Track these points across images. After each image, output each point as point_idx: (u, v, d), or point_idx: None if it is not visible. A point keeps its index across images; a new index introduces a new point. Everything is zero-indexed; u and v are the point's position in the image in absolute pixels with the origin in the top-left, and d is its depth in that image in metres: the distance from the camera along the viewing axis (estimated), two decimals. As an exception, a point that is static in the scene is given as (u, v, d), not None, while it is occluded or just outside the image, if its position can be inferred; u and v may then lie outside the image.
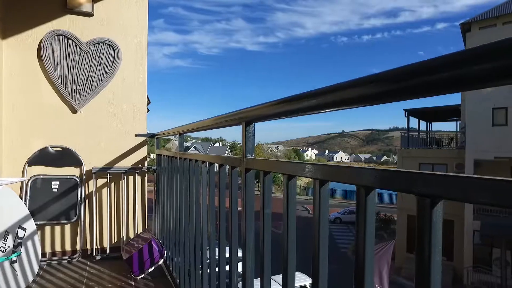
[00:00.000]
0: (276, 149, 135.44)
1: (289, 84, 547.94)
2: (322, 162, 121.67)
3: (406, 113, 21.27)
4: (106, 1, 3.49)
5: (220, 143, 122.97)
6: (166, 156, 2.99)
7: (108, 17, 3.49)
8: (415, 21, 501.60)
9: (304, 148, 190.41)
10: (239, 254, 1.34)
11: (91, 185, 3.41)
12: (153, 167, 3.58)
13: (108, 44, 3.46)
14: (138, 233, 3.40)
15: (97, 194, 3.45)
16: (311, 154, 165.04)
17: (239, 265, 1.33)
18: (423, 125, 26.59)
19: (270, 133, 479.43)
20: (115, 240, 3.52)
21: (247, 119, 1.25)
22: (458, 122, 22.25)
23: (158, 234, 3.44)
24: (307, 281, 14.80)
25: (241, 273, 1.28)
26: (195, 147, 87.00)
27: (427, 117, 24.74)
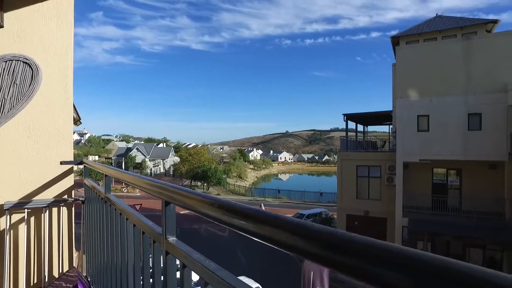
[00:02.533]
0: (221, 150, 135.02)
1: (235, 85, 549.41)
2: (267, 162, 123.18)
3: (345, 117, 22.44)
4: (20, 12, 3.09)
5: (164, 144, 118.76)
6: (93, 190, 2.74)
7: (23, 30, 3.10)
8: (353, 29, 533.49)
9: (250, 148, 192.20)
10: None
11: (3, 223, 3.00)
12: (80, 198, 3.27)
13: (24, 62, 3.07)
14: (64, 272, 3.07)
15: (11, 232, 3.04)
16: (256, 154, 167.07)
17: None
18: (360, 127, 28.65)
19: (215, 133, 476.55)
20: (35, 281, 3.14)
21: (165, 198, 1.12)
22: (390, 126, 24.09)
23: (88, 272, 3.14)
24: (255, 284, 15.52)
25: None
26: (137, 149, 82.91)
27: (363, 121, 26.56)
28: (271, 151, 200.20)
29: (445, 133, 16.74)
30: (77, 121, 6.58)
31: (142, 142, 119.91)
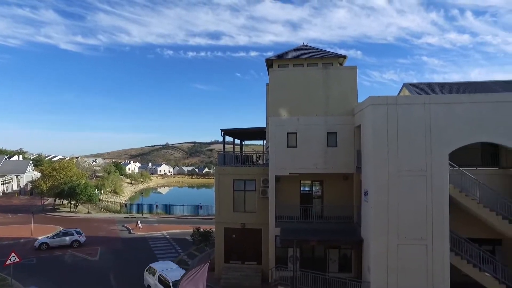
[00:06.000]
0: (94, 163, 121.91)
1: (112, 92, 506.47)
2: (146, 175, 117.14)
3: (223, 132, 23.06)
4: None
5: (20, 156, 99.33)
6: None
7: None
8: (233, 46, 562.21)
9: (127, 161, 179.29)
10: None
11: None
12: None
13: None
14: None
15: None
16: (133, 167, 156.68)
17: None
18: (238, 141, 29.91)
19: (87, 144, 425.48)
20: None
21: None
22: (264, 142, 25.90)
23: None
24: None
25: None
26: (-25, 162, 66.99)
27: (240, 136, 27.89)
28: (150, 164, 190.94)
29: (310, 149, 18.91)
30: None
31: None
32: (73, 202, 50.34)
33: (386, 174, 15.17)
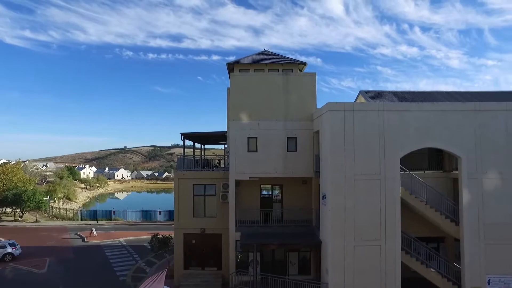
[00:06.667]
0: (44, 167, 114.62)
1: (65, 93, 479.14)
2: (102, 180, 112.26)
3: (182, 136, 22.62)
4: None
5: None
6: None
7: None
8: (195, 49, 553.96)
9: (81, 165, 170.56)
10: None
11: None
12: None
13: None
14: None
15: None
16: (89, 171, 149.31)
17: None
18: (198, 145, 29.55)
19: (37, 147, 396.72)
20: None
21: None
22: (225, 146, 25.78)
23: None
24: None
25: None
26: None
27: (201, 140, 27.56)
28: (107, 168, 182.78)
29: (270, 153, 19.09)
30: None
31: None
32: (18, 210, 46.77)
33: (343, 178, 15.70)
